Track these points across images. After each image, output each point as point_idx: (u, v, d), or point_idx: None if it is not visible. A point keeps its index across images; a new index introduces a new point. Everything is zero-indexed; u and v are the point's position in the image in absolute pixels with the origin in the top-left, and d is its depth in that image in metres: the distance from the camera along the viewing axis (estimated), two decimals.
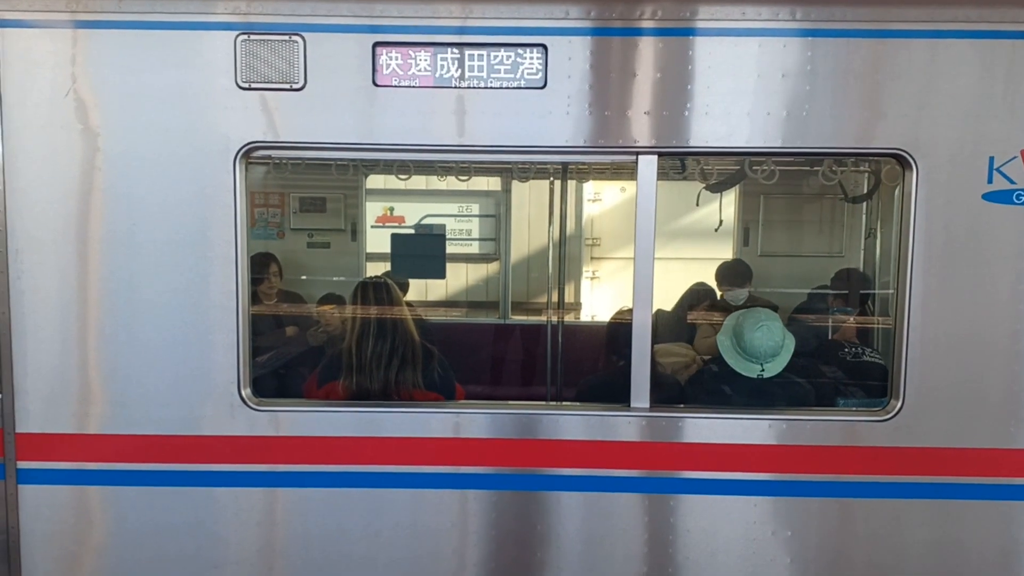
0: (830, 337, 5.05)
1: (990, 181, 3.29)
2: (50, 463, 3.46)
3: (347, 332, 3.86)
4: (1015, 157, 3.27)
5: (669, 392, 3.99)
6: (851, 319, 5.08)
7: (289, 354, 4.97)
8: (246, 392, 3.42)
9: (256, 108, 3.30)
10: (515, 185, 7.02)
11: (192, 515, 3.48)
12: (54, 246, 3.36)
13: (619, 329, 4.10)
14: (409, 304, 5.91)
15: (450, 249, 7.57)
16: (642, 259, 3.39)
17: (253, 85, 3.28)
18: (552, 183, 6.23)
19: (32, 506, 3.47)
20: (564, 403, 5.22)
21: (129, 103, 3.31)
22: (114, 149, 3.32)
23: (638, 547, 3.49)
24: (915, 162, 3.28)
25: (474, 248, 7.77)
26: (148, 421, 3.43)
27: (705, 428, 3.44)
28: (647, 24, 3.28)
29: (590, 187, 8.23)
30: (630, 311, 3.46)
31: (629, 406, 3.46)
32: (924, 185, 3.29)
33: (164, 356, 3.40)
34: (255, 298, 5.29)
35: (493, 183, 7.37)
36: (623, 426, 3.45)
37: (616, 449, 3.45)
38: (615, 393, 3.54)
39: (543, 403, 4.95)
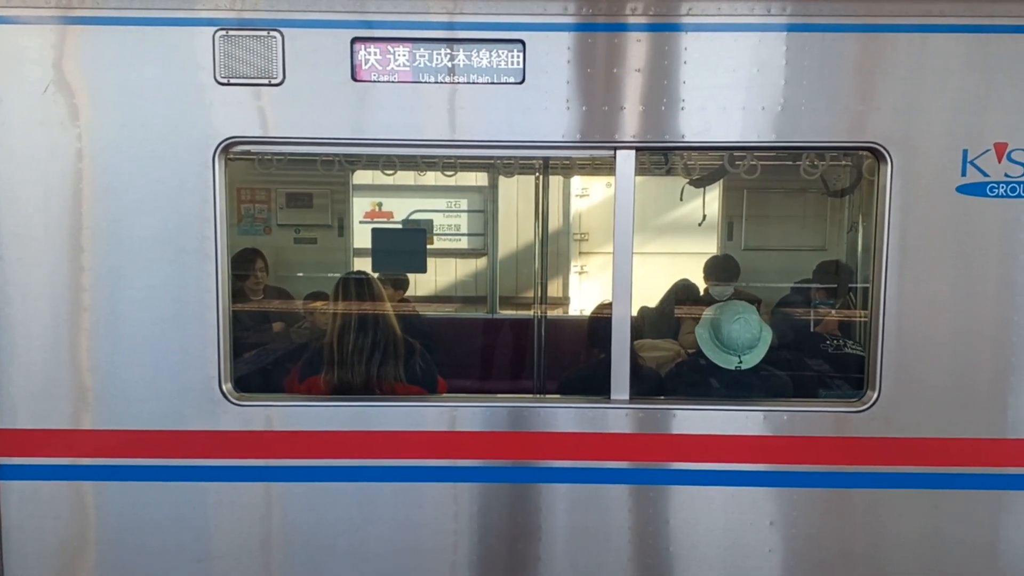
0: (812, 329, 5.09)
1: (964, 174, 3.31)
2: (33, 459, 3.47)
3: (329, 327, 3.87)
4: (988, 150, 3.30)
5: (650, 384, 4.03)
6: (832, 311, 5.11)
7: (276, 350, 4.98)
8: (227, 387, 3.43)
9: (235, 103, 3.30)
10: (502, 181, 7.04)
11: (175, 510, 3.49)
12: (35, 242, 3.36)
13: (600, 323, 4.13)
14: (405, 300, 5.98)
15: (438, 244, 7.61)
16: (621, 253, 3.41)
17: (232, 81, 3.30)
18: (538, 178, 6.25)
19: (15, 502, 3.48)
20: (545, 395, 5.24)
21: (109, 99, 3.31)
22: (95, 145, 3.33)
23: (619, 538, 3.52)
24: (890, 155, 3.30)
25: (463, 243, 7.80)
26: (131, 416, 3.44)
27: (683, 419, 3.46)
28: (623, 20, 3.30)
29: (577, 182, 8.28)
30: (611, 305, 3.48)
31: (609, 398, 3.48)
32: (899, 178, 3.32)
33: (146, 352, 3.41)
34: (242, 294, 5.31)
35: (480, 179, 7.40)
36: (602, 418, 3.47)
37: (596, 441, 3.48)
38: (597, 385, 3.56)
39: (524, 396, 4.96)
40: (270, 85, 3.30)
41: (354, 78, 3.31)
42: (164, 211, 3.35)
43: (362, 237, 6.79)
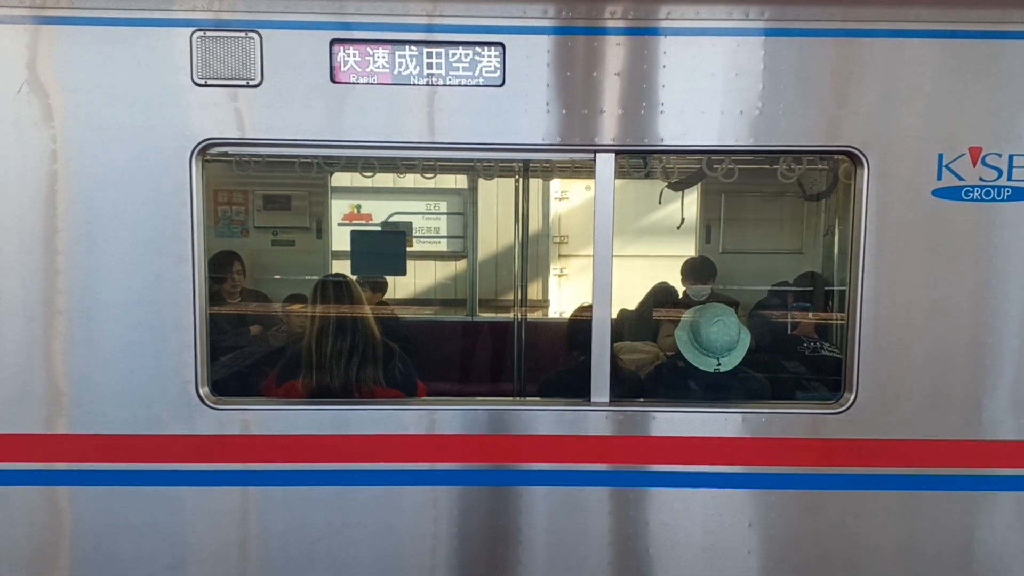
0: (790, 332, 5.12)
1: (939, 178, 3.35)
2: (5, 464, 3.42)
3: (307, 330, 3.85)
4: (963, 154, 3.34)
5: (630, 387, 4.04)
6: (810, 314, 5.15)
7: (253, 353, 4.95)
8: (204, 391, 3.40)
9: (212, 105, 3.28)
10: (482, 183, 7.03)
11: (151, 515, 3.46)
12: (8, 245, 3.32)
13: (580, 325, 4.14)
14: (384, 302, 5.95)
15: (418, 247, 7.59)
16: (600, 256, 3.42)
17: (209, 82, 3.27)
18: (518, 181, 6.26)
19: None
20: (525, 398, 5.24)
21: (85, 100, 3.28)
22: (70, 146, 3.29)
23: (598, 540, 3.52)
24: (866, 159, 3.33)
25: (442, 246, 7.79)
26: (106, 421, 3.40)
27: (663, 421, 3.47)
28: (603, 23, 3.31)
29: (557, 185, 8.30)
30: (590, 307, 3.49)
31: (589, 400, 3.48)
32: (875, 182, 3.35)
33: (122, 355, 3.38)
34: (219, 297, 5.27)
35: (460, 181, 7.39)
36: (582, 420, 3.47)
37: (576, 443, 3.48)
38: (577, 388, 3.56)
39: (504, 399, 4.97)
40: (248, 87, 3.28)
41: (333, 80, 3.30)
42: (140, 213, 3.32)
43: (341, 239, 6.76)
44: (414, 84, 3.32)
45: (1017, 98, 3.31)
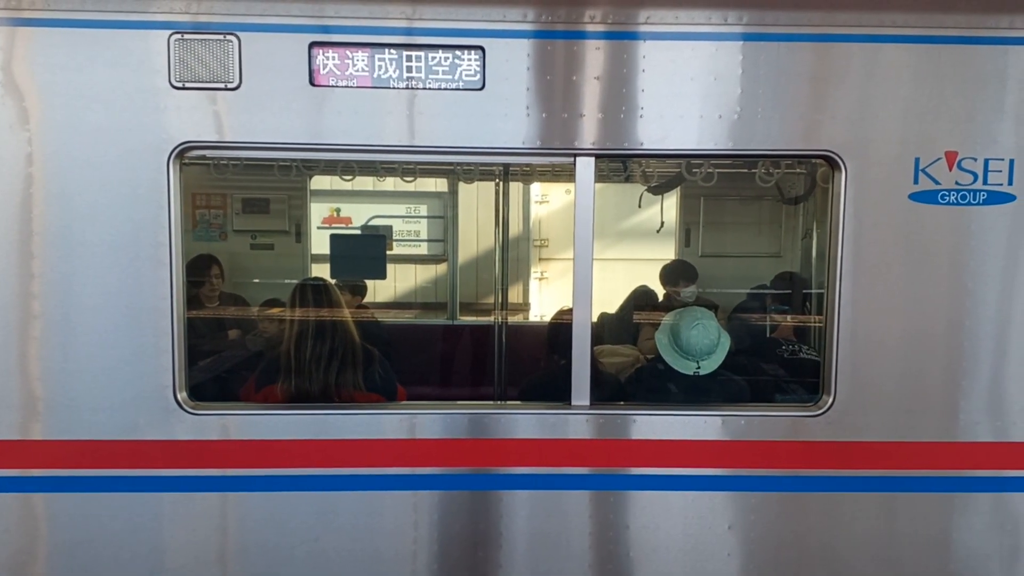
0: (768, 335, 5.15)
1: (916, 182, 3.38)
2: None
3: (286, 334, 3.82)
4: (940, 158, 3.37)
5: (610, 390, 4.05)
6: (788, 317, 5.18)
7: (232, 358, 4.91)
8: (182, 396, 3.37)
9: (190, 108, 3.26)
10: (462, 187, 7.04)
11: (129, 522, 3.43)
12: None
13: (561, 329, 4.14)
14: (363, 306, 5.93)
15: (398, 250, 7.58)
16: (581, 259, 3.42)
17: (187, 85, 3.25)
18: (498, 184, 6.26)
19: None
20: (505, 402, 5.24)
21: (61, 102, 3.24)
22: (46, 149, 3.26)
23: (579, 543, 3.52)
24: (844, 163, 3.36)
25: (422, 249, 7.78)
26: (82, 426, 3.37)
27: (643, 424, 3.48)
28: (583, 27, 3.31)
29: (537, 189, 8.31)
30: (570, 311, 3.49)
31: (570, 404, 3.49)
32: (853, 185, 3.37)
33: (99, 360, 3.34)
34: (197, 301, 5.23)
35: (440, 184, 7.39)
36: (563, 424, 3.48)
37: (556, 446, 3.48)
38: (557, 391, 3.56)
39: (485, 402, 4.96)
40: (226, 89, 3.26)
41: (312, 83, 3.28)
42: (117, 217, 3.29)
43: (320, 243, 6.74)
44: (394, 87, 3.31)
45: (992, 102, 3.35)
